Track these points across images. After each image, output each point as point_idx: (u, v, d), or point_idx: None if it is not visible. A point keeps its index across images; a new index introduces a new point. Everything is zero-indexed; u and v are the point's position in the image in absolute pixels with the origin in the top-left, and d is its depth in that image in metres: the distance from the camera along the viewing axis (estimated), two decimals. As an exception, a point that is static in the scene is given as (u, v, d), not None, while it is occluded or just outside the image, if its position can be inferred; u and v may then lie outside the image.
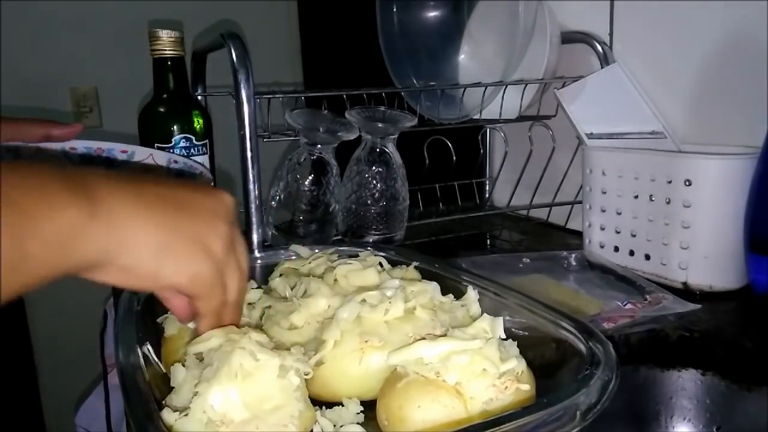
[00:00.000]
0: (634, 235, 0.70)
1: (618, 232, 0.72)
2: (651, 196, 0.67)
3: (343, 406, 0.40)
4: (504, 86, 0.83)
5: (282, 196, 0.74)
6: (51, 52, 1.63)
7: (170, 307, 0.40)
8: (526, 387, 0.37)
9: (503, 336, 0.41)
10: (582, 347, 0.39)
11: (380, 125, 0.74)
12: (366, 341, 0.41)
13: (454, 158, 0.93)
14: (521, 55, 0.82)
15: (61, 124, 0.61)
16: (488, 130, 1.03)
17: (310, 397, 0.39)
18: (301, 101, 0.81)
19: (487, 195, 1.07)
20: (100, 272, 0.32)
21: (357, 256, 0.55)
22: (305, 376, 0.39)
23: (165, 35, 0.69)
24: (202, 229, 0.36)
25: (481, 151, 1.04)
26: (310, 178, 0.73)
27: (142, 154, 0.65)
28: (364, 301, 0.43)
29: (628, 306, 0.61)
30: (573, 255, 0.74)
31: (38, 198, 0.28)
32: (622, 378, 0.35)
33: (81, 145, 0.62)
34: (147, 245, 0.33)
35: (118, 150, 0.64)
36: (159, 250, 0.33)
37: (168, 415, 0.34)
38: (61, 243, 0.29)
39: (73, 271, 0.30)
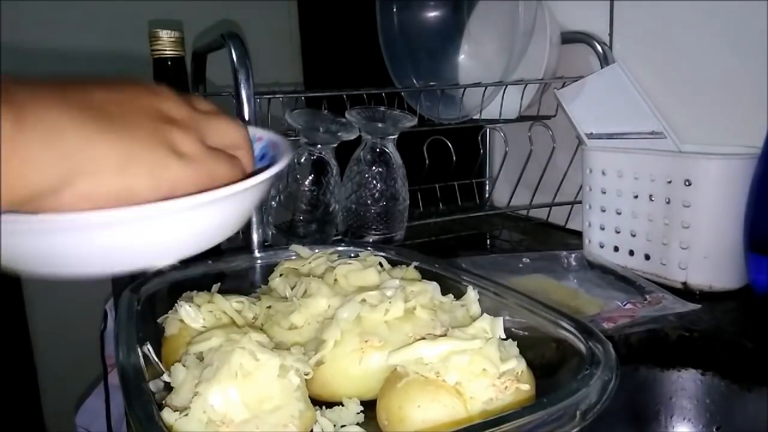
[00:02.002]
0: (633, 235, 0.70)
1: (618, 232, 0.72)
2: (651, 196, 0.67)
3: (343, 406, 0.40)
4: (504, 86, 0.83)
5: (282, 196, 0.74)
6: (51, 51, 1.63)
7: None
8: (526, 387, 0.37)
9: (503, 336, 0.41)
10: (582, 347, 0.39)
11: (380, 125, 0.74)
12: (366, 341, 0.41)
13: (454, 158, 0.93)
14: (521, 55, 0.81)
15: None
16: (488, 130, 1.03)
17: (310, 397, 0.39)
18: (301, 101, 0.81)
19: (487, 195, 1.07)
20: (59, 201, 0.26)
21: (357, 256, 0.55)
22: (305, 376, 0.39)
23: (165, 35, 0.69)
24: (158, 131, 0.29)
25: (481, 151, 1.04)
26: (310, 178, 0.73)
27: None
28: (364, 301, 0.43)
29: (628, 306, 0.61)
30: (573, 255, 0.74)
31: None
32: (622, 378, 0.35)
33: None
34: (105, 161, 0.26)
35: None
36: (123, 162, 0.27)
37: (168, 415, 0.34)
38: None
39: (26, 197, 0.25)
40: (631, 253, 0.70)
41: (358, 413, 0.40)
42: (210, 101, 0.36)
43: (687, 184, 0.63)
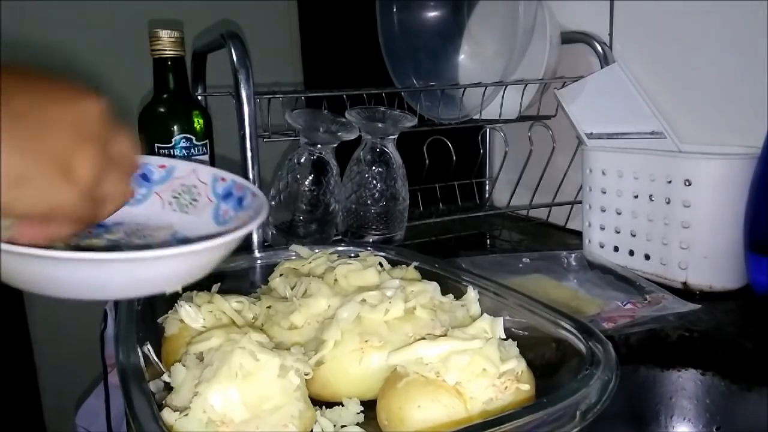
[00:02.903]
0: (633, 235, 0.70)
1: (618, 232, 0.72)
2: (651, 196, 0.67)
3: (343, 406, 0.40)
4: (504, 86, 0.83)
5: (282, 196, 0.74)
6: (50, 51, 1.63)
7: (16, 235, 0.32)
8: (526, 387, 0.37)
9: (503, 336, 0.41)
10: (582, 347, 0.39)
11: (380, 125, 0.74)
12: (366, 341, 0.41)
13: (454, 158, 0.93)
14: (521, 55, 0.81)
15: None
16: (488, 130, 1.03)
17: (310, 397, 0.39)
18: (301, 101, 0.81)
19: (487, 195, 1.07)
20: None
21: (357, 256, 0.55)
22: (305, 376, 0.39)
23: (165, 35, 0.69)
24: (66, 151, 0.29)
25: (481, 151, 1.04)
26: (310, 178, 0.73)
27: (183, 169, 0.55)
28: (364, 301, 0.43)
29: (628, 306, 0.61)
30: (573, 255, 0.74)
31: None
32: (622, 378, 0.35)
33: None
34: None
35: (155, 165, 0.55)
36: (12, 183, 0.27)
37: (168, 415, 0.34)
38: None
39: None
40: (631, 253, 0.70)
41: (358, 413, 0.40)
42: (131, 143, 0.35)
43: (687, 184, 0.63)
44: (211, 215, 0.53)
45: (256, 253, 0.60)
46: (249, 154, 0.67)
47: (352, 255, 0.56)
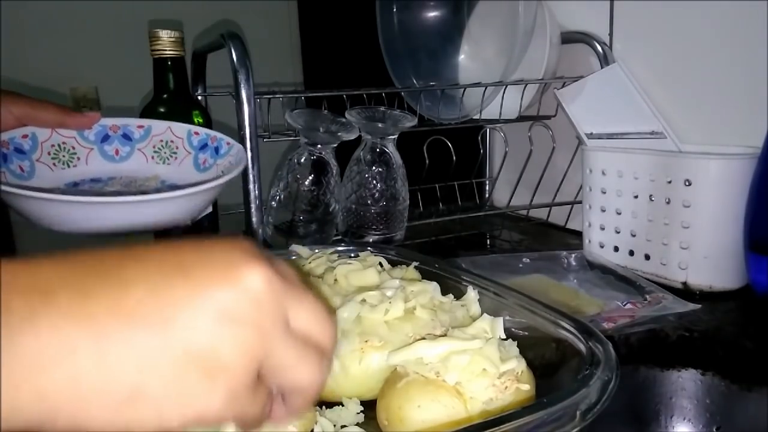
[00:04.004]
0: (633, 235, 0.70)
1: (618, 232, 0.72)
2: (651, 196, 0.67)
3: (343, 406, 0.40)
4: (504, 86, 0.83)
5: (282, 196, 0.74)
6: (51, 52, 1.63)
7: None
8: (526, 387, 0.37)
9: (503, 336, 0.41)
10: (582, 347, 0.39)
11: (380, 125, 0.74)
12: (366, 341, 0.41)
13: (454, 158, 0.93)
14: (521, 55, 0.81)
15: (79, 114, 0.61)
16: (488, 130, 1.03)
17: (310, 397, 0.39)
18: (301, 101, 0.81)
19: (487, 195, 1.07)
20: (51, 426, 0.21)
21: (357, 256, 0.55)
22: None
23: (165, 35, 0.69)
24: (201, 343, 0.22)
25: (481, 151, 1.04)
26: (310, 178, 0.73)
27: (159, 127, 0.65)
28: (364, 301, 0.43)
29: (628, 306, 0.61)
30: (573, 255, 0.74)
31: None
32: (622, 378, 0.35)
33: (95, 124, 0.63)
34: (98, 399, 0.21)
35: (134, 126, 0.65)
36: (122, 401, 0.21)
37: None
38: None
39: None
40: (631, 253, 0.70)
41: (358, 413, 0.40)
42: (318, 309, 0.27)
43: (687, 184, 0.62)
44: (192, 164, 0.64)
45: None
46: (249, 154, 0.67)
47: (352, 255, 0.56)
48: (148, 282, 0.22)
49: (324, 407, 0.40)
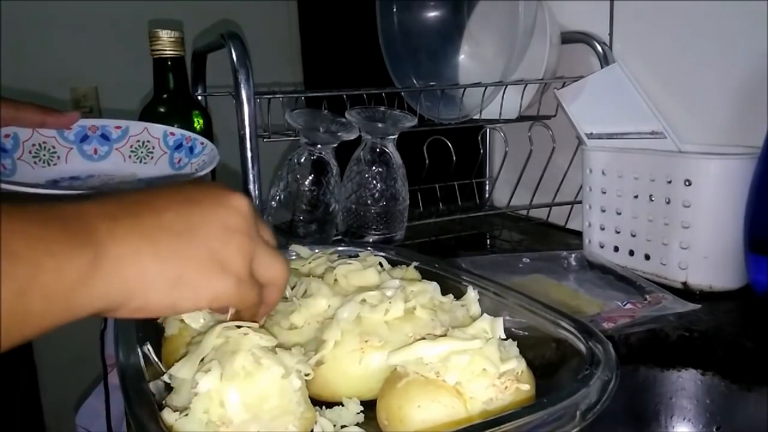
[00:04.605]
0: (633, 235, 0.70)
1: (618, 232, 0.72)
2: (651, 196, 0.67)
3: (343, 406, 0.40)
4: (504, 86, 0.83)
5: (282, 196, 0.74)
6: (51, 52, 1.63)
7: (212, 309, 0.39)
8: (526, 387, 0.37)
9: (503, 336, 0.40)
10: (582, 347, 0.39)
11: (380, 125, 0.74)
12: (366, 341, 0.41)
13: (454, 158, 0.93)
14: (521, 55, 0.81)
15: (58, 113, 0.64)
16: (488, 130, 1.03)
17: (310, 397, 0.39)
18: (301, 101, 0.81)
19: (487, 195, 1.07)
20: (113, 314, 0.31)
21: (357, 256, 0.55)
22: (306, 377, 0.39)
23: (165, 35, 0.69)
24: (215, 246, 0.34)
25: (481, 151, 1.04)
26: (310, 178, 0.73)
27: (136, 128, 0.68)
28: (364, 301, 0.43)
29: (628, 306, 0.60)
30: (573, 255, 0.74)
31: (40, 248, 0.26)
32: (622, 378, 0.35)
33: (75, 124, 0.65)
34: (156, 284, 0.31)
35: (112, 126, 0.68)
36: (171, 285, 0.32)
37: (168, 416, 0.34)
38: (65, 295, 0.27)
39: (84, 316, 0.29)
40: (631, 253, 0.70)
41: (358, 413, 0.40)
42: (270, 231, 0.40)
43: (687, 184, 0.62)
44: (167, 163, 0.67)
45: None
46: (249, 154, 0.67)
47: (352, 255, 0.56)
48: (173, 210, 0.33)
49: (324, 407, 0.40)
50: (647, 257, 0.68)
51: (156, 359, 0.43)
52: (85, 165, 0.66)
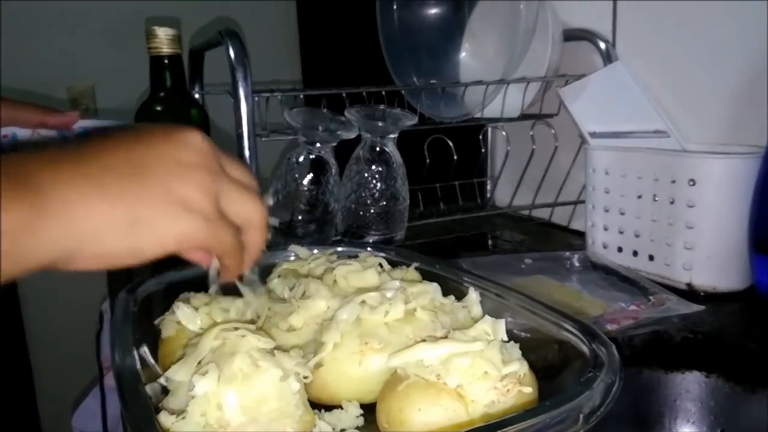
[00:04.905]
0: (637, 236, 0.69)
1: (621, 233, 0.71)
2: (655, 195, 0.66)
3: (342, 409, 0.40)
4: (505, 84, 0.82)
5: (281, 196, 0.74)
6: (47, 50, 1.63)
7: (191, 260, 0.37)
8: (529, 390, 0.37)
9: (505, 338, 0.40)
10: (585, 349, 0.38)
11: (380, 124, 0.74)
12: (366, 343, 0.41)
13: (455, 157, 0.92)
14: (523, 53, 0.81)
15: (58, 113, 0.63)
16: (489, 129, 1.03)
17: (309, 400, 0.39)
18: (299, 99, 0.80)
19: (488, 195, 1.07)
20: (71, 264, 0.29)
21: (356, 256, 0.54)
22: (304, 380, 0.38)
23: (162, 33, 0.69)
24: (173, 184, 0.32)
25: (483, 150, 1.04)
26: (309, 177, 0.73)
27: None
28: (363, 302, 0.43)
29: (632, 307, 0.60)
30: (576, 255, 0.74)
31: None
32: (626, 380, 0.35)
33: (78, 126, 0.64)
34: (110, 228, 0.29)
35: (114, 128, 0.66)
36: (127, 227, 0.30)
37: (165, 418, 0.34)
38: (10, 246, 0.26)
39: (37, 268, 0.28)
40: (635, 253, 0.70)
41: (357, 416, 0.40)
42: (246, 170, 0.37)
43: (691, 183, 0.62)
44: None
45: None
46: (247, 153, 0.67)
47: (352, 255, 0.56)
48: (121, 150, 0.31)
49: (323, 410, 0.39)
50: (651, 258, 0.68)
51: (152, 361, 0.43)
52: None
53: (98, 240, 0.29)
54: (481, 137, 1.02)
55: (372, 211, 0.75)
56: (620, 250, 0.72)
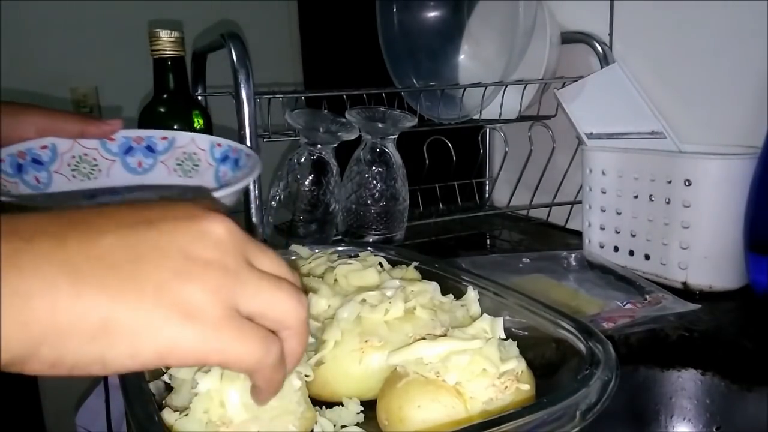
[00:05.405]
0: (633, 235, 0.70)
1: (618, 232, 0.72)
2: (651, 196, 0.67)
3: (343, 406, 0.40)
4: (504, 86, 0.83)
5: (282, 196, 0.74)
6: (51, 52, 1.63)
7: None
8: (526, 387, 0.37)
9: (503, 336, 0.40)
10: (582, 347, 0.39)
11: (380, 125, 0.74)
12: (366, 341, 0.41)
13: (454, 158, 0.93)
14: (521, 55, 0.81)
15: (98, 122, 0.59)
16: (488, 130, 1.03)
17: (310, 397, 0.39)
18: (301, 101, 0.81)
19: (487, 195, 1.07)
20: (20, 368, 0.24)
21: (357, 256, 0.55)
22: (306, 378, 0.39)
23: (165, 35, 0.69)
24: (170, 283, 0.25)
25: (481, 151, 1.04)
26: (310, 178, 0.73)
27: (182, 139, 0.63)
28: (364, 301, 0.43)
29: (628, 306, 0.60)
30: (573, 255, 0.74)
31: None
32: (622, 378, 0.35)
33: (120, 135, 0.61)
34: (74, 331, 0.23)
35: (157, 137, 0.63)
36: (95, 330, 0.23)
37: (168, 416, 0.34)
38: None
39: None
40: (631, 253, 0.70)
41: (358, 413, 0.40)
42: (280, 261, 0.29)
43: (687, 184, 0.62)
44: (213, 177, 0.60)
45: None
46: (249, 153, 0.67)
47: (352, 255, 0.56)
48: (118, 232, 0.25)
49: (324, 407, 0.40)
50: (647, 257, 0.68)
51: (156, 359, 0.43)
52: (127, 178, 0.60)
53: (56, 344, 0.23)
54: (479, 138, 1.03)
55: (372, 211, 0.75)
56: (617, 249, 0.72)
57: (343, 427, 0.38)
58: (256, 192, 0.69)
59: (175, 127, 0.70)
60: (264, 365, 0.27)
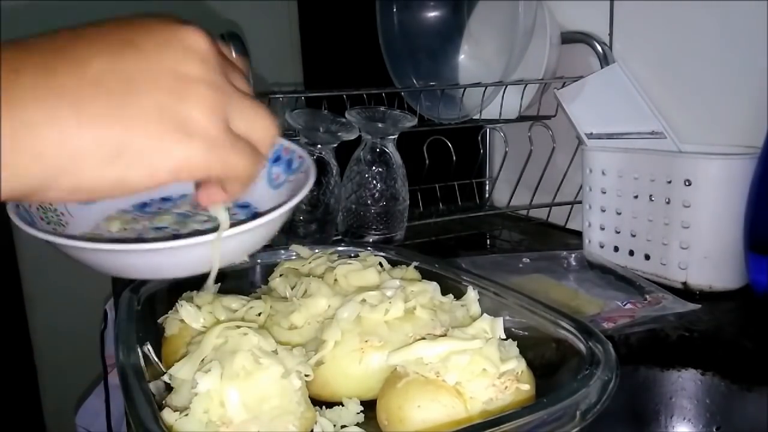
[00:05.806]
0: (633, 235, 0.70)
1: (618, 232, 0.72)
2: (651, 196, 0.67)
3: (343, 406, 0.40)
4: (504, 86, 0.83)
5: (282, 196, 0.74)
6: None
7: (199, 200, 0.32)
8: (526, 387, 0.37)
9: (503, 336, 0.41)
10: (582, 347, 0.39)
11: (380, 125, 0.74)
12: (366, 341, 0.41)
13: (454, 158, 0.93)
14: (521, 55, 0.81)
15: None
16: (488, 130, 1.03)
17: (310, 397, 0.39)
18: (301, 101, 0.81)
19: (487, 195, 1.07)
20: (41, 196, 0.25)
21: (357, 256, 0.55)
22: (306, 378, 0.39)
23: (165, 35, 0.69)
24: (169, 104, 0.25)
25: (481, 151, 1.04)
26: (310, 178, 0.73)
27: None
28: (364, 301, 0.43)
29: (628, 306, 0.61)
30: (573, 255, 0.74)
31: None
32: (622, 378, 0.35)
33: None
34: (89, 156, 0.24)
35: None
36: (111, 156, 0.24)
37: (168, 415, 0.34)
38: None
39: (7, 199, 0.24)
40: (631, 253, 0.70)
41: (358, 413, 0.40)
42: (245, 78, 0.31)
43: (687, 184, 0.62)
44: (266, 179, 0.55)
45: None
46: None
47: (352, 255, 0.56)
48: (104, 57, 0.25)
49: (324, 407, 0.40)
50: (647, 257, 0.68)
51: (156, 359, 0.43)
52: (180, 183, 0.53)
53: (74, 171, 0.24)
54: (479, 138, 1.03)
55: (372, 211, 0.75)
56: (616, 249, 0.72)
57: (343, 427, 0.38)
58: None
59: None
60: (253, 179, 0.29)
